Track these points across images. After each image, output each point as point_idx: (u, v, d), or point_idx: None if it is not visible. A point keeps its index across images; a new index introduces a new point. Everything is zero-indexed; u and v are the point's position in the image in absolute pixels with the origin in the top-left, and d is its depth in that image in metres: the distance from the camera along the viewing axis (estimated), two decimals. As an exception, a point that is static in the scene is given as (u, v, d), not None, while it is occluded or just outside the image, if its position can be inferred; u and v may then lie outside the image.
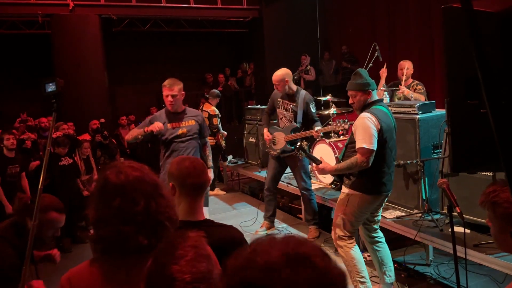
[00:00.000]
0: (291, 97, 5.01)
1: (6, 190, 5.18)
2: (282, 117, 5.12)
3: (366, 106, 3.37)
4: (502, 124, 0.99)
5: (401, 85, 5.26)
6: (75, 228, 6.09)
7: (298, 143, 3.59)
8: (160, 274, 1.07)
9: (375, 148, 3.22)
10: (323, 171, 3.53)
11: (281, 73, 4.94)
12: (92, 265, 1.38)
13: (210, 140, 6.73)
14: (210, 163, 4.39)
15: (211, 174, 4.25)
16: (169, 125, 4.19)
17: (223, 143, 7.38)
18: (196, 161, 1.99)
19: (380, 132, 3.25)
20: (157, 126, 4.06)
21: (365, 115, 3.28)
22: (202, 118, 4.38)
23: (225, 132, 7.49)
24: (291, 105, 5.02)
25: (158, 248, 1.16)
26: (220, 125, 7.32)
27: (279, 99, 5.12)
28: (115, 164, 1.41)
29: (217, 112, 7.35)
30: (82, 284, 1.37)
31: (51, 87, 2.50)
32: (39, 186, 2.14)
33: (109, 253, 1.33)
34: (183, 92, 4.23)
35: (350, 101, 3.46)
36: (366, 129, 3.22)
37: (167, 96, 4.13)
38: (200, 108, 7.39)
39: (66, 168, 5.84)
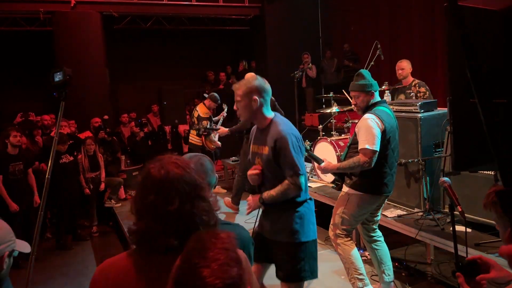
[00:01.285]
0: None
1: (11, 188, 5.13)
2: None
3: (369, 107, 3.36)
4: (494, 122, 0.99)
5: (400, 85, 5.32)
6: (76, 226, 6.10)
7: None
8: (191, 275, 1.04)
9: (378, 149, 3.21)
10: (325, 170, 3.50)
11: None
12: (128, 258, 1.36)
13: (196, 140, 6.71)
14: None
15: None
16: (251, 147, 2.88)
17: (211, 146, 6.78)
18: (200, 159, 1.99)
19: (384, 133, 3.25)
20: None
21: (369, 116, 3.27)
22: (280, 140, 2.61)
23: (218, 142, 6.86)
24: None
25: (188, 247, 1.11)
26: (211, 129, 6.68)
27: None
28: (162, 157, 1.37)
29: (210, 113, 6.87)
30: (115, 276, 1.33)
31: (58, 76, 2.55)
32: (47, 176, 2.16)
33: (141, 247, 1.33)
34: (255, 97, 2.65)
35: (353, 102, 3.46)
36: (369, 130, 3.22)
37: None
38: (193, 107, 7.13)
39: (66, 165, 5.84)
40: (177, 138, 9.46)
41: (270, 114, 2.73)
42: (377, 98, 3.42)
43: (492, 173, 3.46)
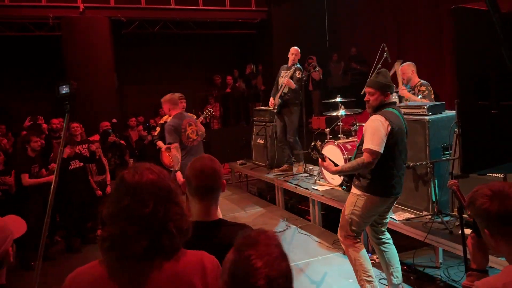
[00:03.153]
0: (289, 67, 6.48)
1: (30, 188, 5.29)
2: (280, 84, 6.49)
3: (379, 107, 3.36)
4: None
5: (403, 88, 5.31)
6: (85, 229, 6.13)
7: (312, 143, 3.58)
8: (246, 266, 1.08)
9: (381, 151, 3.20)
10: (326, 169, 3.52)
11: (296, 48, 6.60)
12: (98, 266, 1.37)
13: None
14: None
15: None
16: None
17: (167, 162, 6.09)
18: (208, 164, 1.96)
19: (390, 134, 3.23)
20: None
21: (377, 118, 3.26)
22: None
23: (163, 145, 5.92)
24: (287, 72, 6.45)
25: (239, 241, 1.16)
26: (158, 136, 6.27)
27: (282, 71, 6.60)
28: (136, 165, 1.42)
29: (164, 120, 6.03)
30: (83, 284, 1.35)
31: (65, 89, 2.57)
32: (53, 185, 2.19)
33: (113, 252, 1.33)
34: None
35: (366, 98, 3.42)
36: (375, 131, 3.21)
37: None
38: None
39: (76, 171, 5.88)
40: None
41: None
42: (391, 99, 3.41)
43: (501, 175, 3.43)
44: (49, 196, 2.40)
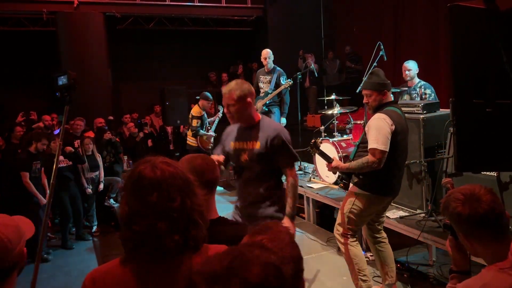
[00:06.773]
0: (269, 72, 6.37)
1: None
2: (262, 88, 6.43)
3: (380, 107, 3.34)
4: None
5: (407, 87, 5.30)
6: (78, 226, 6.10)
7: (313, 140, 3.55)
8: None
9: (387, 150, 3.17)
10: (335, 169, 3.48)
11: (268, 50, 6.39)
12: (121, 265, 1.32)
13: (191, 141, 6.97)
14: None
15: None
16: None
17: (208, 146, 6.93)
18: (207, 157, 1.98)
19: (394, 133, 3.21)
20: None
21: (380, 116, 3.23)
22: (278, 136, 2.80)
23: (210, 134, 7.06)
24: (268, 78, 6.31)
25: (253, 230, 1.15)
26: (199, 127, 6.90)
27: (261, 76, 6.48)
28: (148, 159, 1.35)
29: (202, 113, 6.96)
30: (108, 285, 1.30)
31: (62, 80, 2.51)
32: (51, 181, 2.17)
33: (140, 251, 1.28)
34: (249, 99, 2.81)
35: (365, 100, 3.41)
36: (379, 130, 3.18)
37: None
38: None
39: (64, 169, 5.83)
40: (179, 139, 9.46)
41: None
42: (389, 98, 3.40)
43: (495, 174, 3.45)
44: (49, 194, 2.38)
